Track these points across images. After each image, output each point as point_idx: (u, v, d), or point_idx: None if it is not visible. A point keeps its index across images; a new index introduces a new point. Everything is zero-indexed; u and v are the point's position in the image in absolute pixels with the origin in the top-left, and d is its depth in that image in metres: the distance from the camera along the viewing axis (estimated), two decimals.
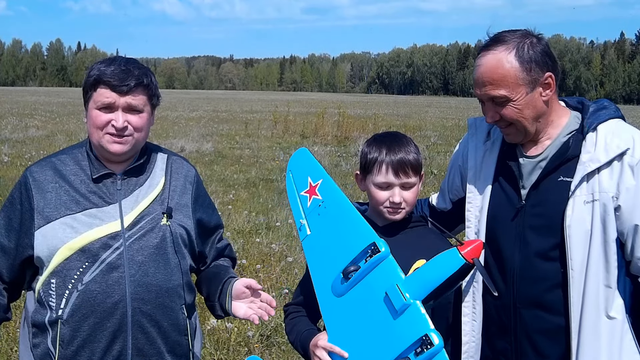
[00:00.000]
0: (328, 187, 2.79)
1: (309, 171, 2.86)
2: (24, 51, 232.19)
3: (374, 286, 2.58)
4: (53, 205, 2.68)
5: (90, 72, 2.71)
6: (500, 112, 2.68)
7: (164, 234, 2.74)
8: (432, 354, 2.42)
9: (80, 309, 2.61)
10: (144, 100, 2.73)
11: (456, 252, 2.55)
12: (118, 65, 2.69)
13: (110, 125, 2.66)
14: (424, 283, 2.52)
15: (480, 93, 2.72)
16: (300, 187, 2.86)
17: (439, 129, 33.01)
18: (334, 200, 2.76)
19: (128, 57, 2.84)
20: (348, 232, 2.68)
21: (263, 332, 6.36)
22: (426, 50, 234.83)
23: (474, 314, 2.85)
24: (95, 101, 2.68)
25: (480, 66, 2.71)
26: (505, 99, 2.64)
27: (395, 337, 2.50)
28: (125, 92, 2.65)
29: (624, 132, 2.64)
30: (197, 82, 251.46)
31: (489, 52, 2.68)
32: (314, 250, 2.79)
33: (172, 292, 2.75)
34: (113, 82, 2.64)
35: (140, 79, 2.69)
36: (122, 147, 2.70)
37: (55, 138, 23.57)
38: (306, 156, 2.91)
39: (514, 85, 2.63)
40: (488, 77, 2.66)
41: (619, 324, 2.62)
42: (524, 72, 2.63)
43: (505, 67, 2.63)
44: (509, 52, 2.64)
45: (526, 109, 2.66)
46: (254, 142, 24.44)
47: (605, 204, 2.57)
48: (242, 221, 10.76)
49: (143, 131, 2.75)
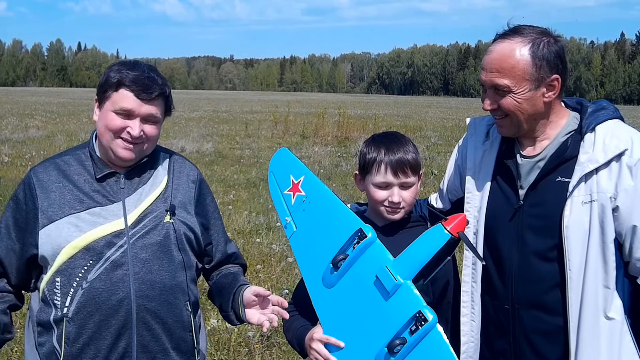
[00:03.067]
0: (310, 182, 2.83)
1: (290, 170, 2.89)
2: (24, 51, 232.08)
3: (364, 271, 2.62)
4: (57, 204, 2.69)
5: (111, 72, 2.69)
6: (499, 101, 2.68)
7: (167, 232, 2.75)
8: (427, 329, 2.45)
9: (85, 307, 2.62)
10: (162, 110, 2.76)
11: (441, 228, 2.58)
12: (142, 71, 2.69)
13: (126, 132, 2.67)
14: (413, 262, 2.55)
15: (485, 78, 2.70)
16: (284, 186, 2.89)
17: (439, 129, 32.97)
18: (317, 194, 2.80)
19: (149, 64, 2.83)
20: (333, 223, 2.71)
21: (263, 332, 6.37)
22: (426, 51, 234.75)
23: (472, 314, 2.86)
24: (114, 103, 2.67)
25: (492, 52, 2.69)
26: (507, 89, 2.64)
27: (390, 318, 2.53)
28: (148, 101, 2.66)
29: (622, 133, 2.63)
30: (198, 83, 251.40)
31: (504, 40, 2.67)
32: (302, 245, 2.82)
33: (177, 288, 2.76)
34: (136, 87, 2.64)
35: (163, 88, 2.71)
36: (131, 154, 2.71)
37: (55, 138, 23.56)
38: (287, 155, 2.95)
39: (520, 78, 2.62)
40: (497, 64, 2.65)
41: (617, 325, 2.62)
42: (533, 68, 2.62)
43: (515, 58, 2.62)
44: (524, 45, 2.63)
45: (525, 104, 2.66)
46: (254, 143, 24.42)
47: (603, 204, 2.57)
48: (242, 221, 10.77)
49: (154, 141, 2.79)
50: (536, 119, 2.72)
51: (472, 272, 2.85)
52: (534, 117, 2.70)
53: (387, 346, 2.50)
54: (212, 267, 3.07)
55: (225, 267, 3.11)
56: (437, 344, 2.47)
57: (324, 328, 2.72)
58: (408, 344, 2.47)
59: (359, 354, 2.62)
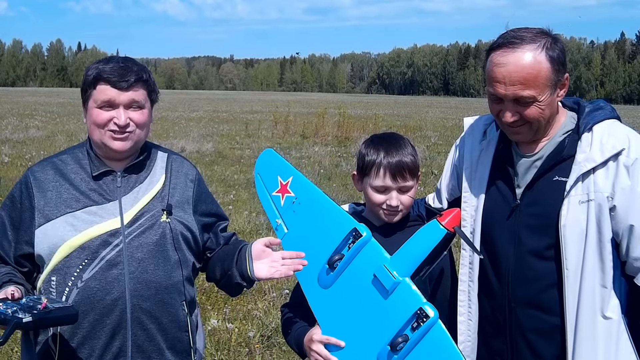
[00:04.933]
0: (299, 183, 2.83)
1: (277, 171, 2.89)
2: (25, 51, 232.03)
3: (361, 271, 2.62)
4: (54, 203, 2.70)
5: (88, 72, 2.73)
6: (522, 112, 2.60)
7: (163, 231, 2.75)
8: (429, 326, 2.47)
9: (80, 306, 2.61)
10: (145, 96, 2.76)
11: (436, 224, 2.60)
12: (116, 62, 2.71)
13: (112, 123, 2.68)
14: (410, 259, 2.57)
15: (505, 92, 2.58)
16: (271, 188, 2.89)
17: (439, 129, 32.96)
18: (308, 195, 2.80)
19: (125, 56, 2.85)
20: (326, 223, 2.71)
21: (264, 332, 6.39)
22: (426, 51, 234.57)
23: (469, 313, 2.86)
24: (95, 99, 2.69)
25: (507, 64, 2.56)
26: (532, 99, 2.57)
27: (390, 316, 2.54)
28: (126, 88, 2.67)
29: (619, 133, 2.63)
30: (198, 83, 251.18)
31: (515, 49, 2.57)
32: (294, 247, 2.80)
33: (172, 288, 2.76)
34: (113, 78, 2.66)
35: (140, 74, 2.72)
36: (125, 144, 2.71)
37: (55, 138, 23.58)
38: (273, 156, 2.94)
39: (543, 87, 2.57)
40: (518, 76, 2.54)
41: (615, 324, 2.62)
42: (553, 73, 2.58)
43: (537, 67, 2.55)
44: (539, 51, 2.56)
45: (547, 110, 2.63)
46: (254, 143, 24.41)
47: (600, 204, 2.57)
48: (242, 221, 10.78)
49: (144, 127, 2.77)
50: (550, 120, 2.71)
51: (469, 271, 2.85)
52: (550, 118, 2.69)
53: (390, 344, 2.51)
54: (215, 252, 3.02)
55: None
56: (440, 339, 2.48)
57: (323, 329, 2.72)
58: (410, 341, 2.49)
59: (361, 353, 2.62)
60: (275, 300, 7.22)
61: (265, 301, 7.18)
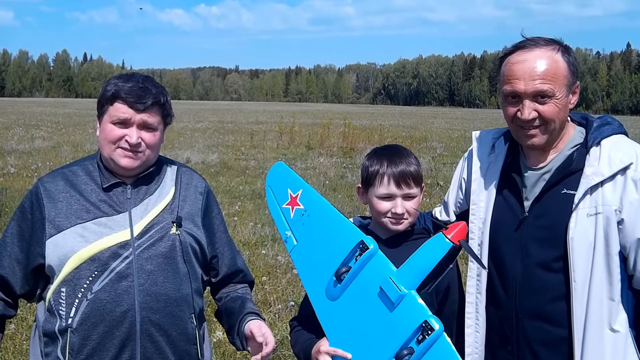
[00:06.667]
0: (309, 196, 2.85)
1: (288, 183, 2.92)
2: (30, 62, 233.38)
3: (368, 283, 2.63)
4: (64, 214, 2.71)
5: (107, 87, 2.75)
6: (540, 109, 2.65)
7: (173, 243, 2.77)
8: (434, 339, 2.47)
9: (90, 318, 2.63)
10: (159, 119, 2.79)
11: (442, 237, 2.60)
12: (136, 82, 2.73)
13: (124, 141, 2.71)
14: (416, 272, 2.57)
15: (524, 87, 2.64)
16: (282, 200, 2.91)
17: (444, 140, 32.99)
18: (317, 208, 2.82)
19: (145, 74, 2.87)
20: (334, 236, 2.73)
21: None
22: (432, 61, 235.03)
23: (477, 325, 2.87)
24: (110, 115, 2.72)
25: (526, 61, 2.64)
26: (551, 93, 2.62)
27: (396, 329, 2.54)
28: (142, 110, 2.70)
29: (627, 147, 2.66)
30: (203, 93, 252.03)
31: (533, 49, 2.66)
32: (303, 259, 2.84)
33: (182, 301, 2.77)
34: (130, 98, 2.69)
35: (157, 97, 2.74)
36: (133, 162, 2.73)
37: (61, 149, 23.66)
38: (283, 169, 2.97)
39: (561, 84, 2.64)
40: (540, 71, 2.62)
41: (622, 338, 2.62)
42: (570, 73, 2.66)
43: (556, 64, 2.63)
44: (556, 52, 2.65)
45: (562, 111, 2.67)
46: (259, 154, 24.46)
47: (608, 217, 2.58)
48: (247, 233, 10.76)
49: (155, 149, 2.80)
50: (561, 129, 2.74)
51: (476, 283, 2.86)
52: (561, 125, 2.72)
53: (395, 356, 2.51)
54: (219, 281, 3.07)
55: (234, 287, 3.10)
56: (444, 352, 2.48)
57: (330, 341, 2.73)
58: (416, 353, 2.49)
59: None
60: (280, 312, 7.21)
61: (270, 313, 7.17)
